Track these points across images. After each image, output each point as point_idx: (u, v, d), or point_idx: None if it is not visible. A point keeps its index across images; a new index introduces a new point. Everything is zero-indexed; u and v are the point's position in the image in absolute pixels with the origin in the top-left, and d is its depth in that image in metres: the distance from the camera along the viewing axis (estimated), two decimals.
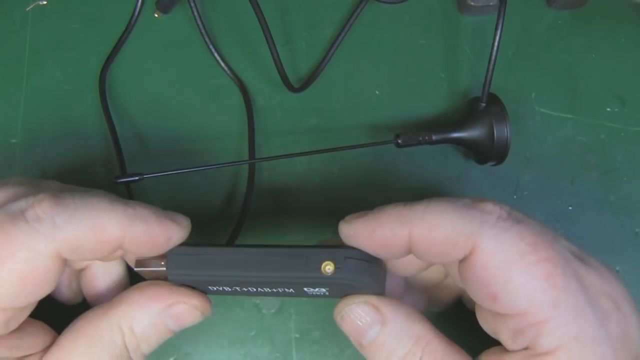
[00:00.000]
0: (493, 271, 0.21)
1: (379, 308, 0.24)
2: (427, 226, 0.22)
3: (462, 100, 0.34)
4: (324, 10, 0.35)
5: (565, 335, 0.21)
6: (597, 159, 0.34)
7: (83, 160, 0.33)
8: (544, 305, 0.21)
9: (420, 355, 0.23)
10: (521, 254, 0.21)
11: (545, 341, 0.21)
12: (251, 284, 0.24)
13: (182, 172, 0.30)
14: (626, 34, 0.35)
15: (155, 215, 0.24)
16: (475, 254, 0.22)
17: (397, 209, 0.23)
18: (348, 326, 0.24)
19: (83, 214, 0.22)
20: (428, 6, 0.35)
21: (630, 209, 0.33)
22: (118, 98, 0.34)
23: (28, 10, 0.34)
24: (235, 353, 0.31)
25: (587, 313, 0.21)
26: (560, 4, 0.35)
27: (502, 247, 0.21)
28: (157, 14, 0.34)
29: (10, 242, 0.22)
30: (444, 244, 0.22)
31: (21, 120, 0.33)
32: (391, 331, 0.23)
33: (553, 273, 0.21)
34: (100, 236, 0.23)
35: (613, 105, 0.35)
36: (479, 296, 0.22)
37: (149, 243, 0.24)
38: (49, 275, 0.23)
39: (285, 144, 0.34)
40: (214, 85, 0.34)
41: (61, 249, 0.22)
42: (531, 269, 0.21)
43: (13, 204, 0.23)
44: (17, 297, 0.22)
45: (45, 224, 0.22)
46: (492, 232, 0.22)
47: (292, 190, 0.33)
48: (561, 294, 0.21)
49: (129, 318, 0.24)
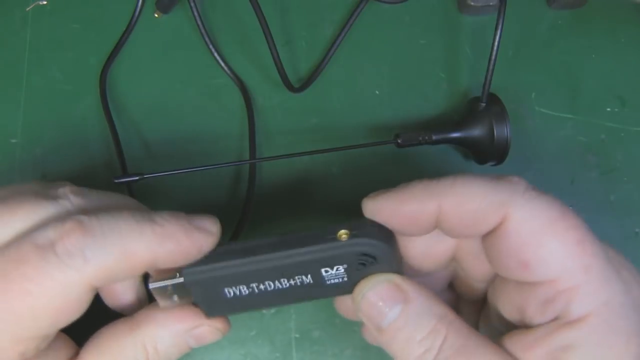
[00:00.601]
0: (525, 238, 0.21)
1: (401, 286, 0.23)
2: (458, 197, 0.22)
3: (462, 100, 0.34)
4: (324, 10, 0.35)
5: (596, 300, 0.21)
6: (597, 159, 0.34)
7: (83, 160, 0.33)
8: (575, 270, 0.21)
9: (445, 333, 0.22)
10: (553, 220, 0.21)
11: (577, 307, 0.21)
12: (269, 271, 0.24)
13: (182, 172, 0.30)
14: (626, 34, 0.35)
15: (184, 229, 0.23)
16: (506, 222, 0.22)
17: (424, 183, 0.23)
18: (369, 306, 0.23)
19: (112, 243, 0.22)
20: (428, 6, 0.35)
21: (630, 209, 0.33)
22: (118, 98, 0.34)
23: (28, 10, 0.34)
24: (235, 353, 0.31)
25: (614, 279, 0.21)
26: (560, 4, 0.35)
27: (534, 213, 0.21)
28: (157, 14, 0.34)
29: (41, 277, 0.21)
30: (475, 215, 0.22)
31: (21, 120, 0.33)
32: (414, 310, 0.23)
33: (583, 239, 0.21)
34: (131, 262, 0.22)
35: (613, 105, 0.35)
36: (508, 266, 0.22)
37: (182, 258, 0.24)
38: (80, 305, 0.23)
39: (285, 144, 0.34)
40: (214, 85, 0.34)
41: (93, 281, 0.22)
42: (563, 235, 0.21)
43: (40, 234, 0.22)
44: (49, 328, 0.22)
45: (76, 257, 0.21)
46: (523, 199, 0.22)
47: (292, 190, 0.33)
48: (591, 259, 0.21)
49: (154, 338, 0.24)
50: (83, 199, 0.25)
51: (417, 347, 0.22)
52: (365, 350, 0.32)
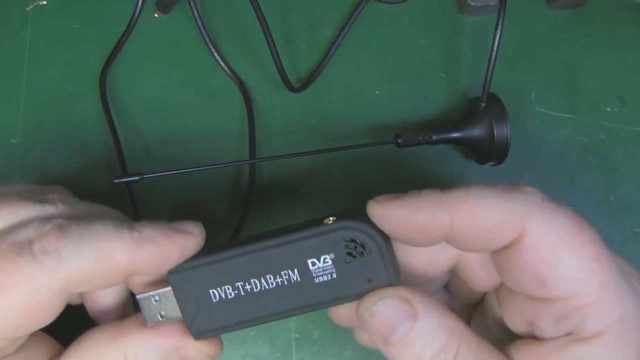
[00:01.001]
0: (543, 253, 0.21)
1: (410, 301, 0.22)
2: (472, 211, 0.21)
3: (462, 100, 0.34)
4: (324, 10, 0.35)
5: (611, 316, 0.20)
6: (597, 159, 0.34)
7: (83, 161, 0.33)
8: (592, 286, 0.20)
9: (457, 347, 0.22)
10: (570, 235, 0.21)
11: (592, 324, 0.20)
12: (253, 265, 0.23)
13: (182, 172, 0.30)
14: (626, 34, 0.35)
15: (163, 232, 0.23)
16: (524, 238, 0.21)
17: (436, 194, 0.22)
18: (377, 323, 0.23)
19: (88, 245, 0.22)
20: (428, 6, 0.35)
21: (630, 209, 0.33)
22: (118, 98, 0.34)
23: (28, 10, 0.34)
24: (235, 353, 0.31)
25: (628, 293, 0.21)
26: (560, 4, 0.35)
27: (552, 228, 0.21)
28: (157, 14, 0.34)
29: (15, 272, 0.21)
30: (490, 230, 0.21)
31: (21, 121, 0.33)
32: (425, 325, 0.22)
33: (599, 254, 0.21)
34: (107, 266, 0.22)
35: (613, 105, 0.35)
36: (523, 281, 0.22)
37: (163, 262, 0.23)
38: (52, 308, 0.22)
39: (285, 144, 0.34)
40: (214, 85, 0.34)
41: (67, 283, 0.22)
42: (580, 250, 0.21)
43: (20, 232, 0.22)
44: (17, 329, 0.22)
45: (51, 257, 0.21)
46: (541, 213, 0.21)
47: (292, 190, 0.33)
48: (608, 274, 0.21)
49: (136, 350, 0.24)
50: (69, 207, 0.24)
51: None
52: (365, 351, 0.32)
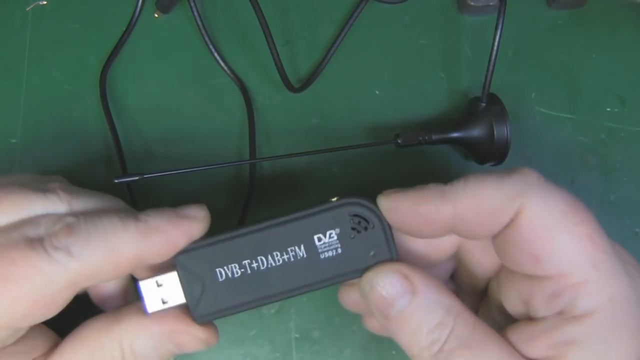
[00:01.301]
0: (538, 232, 0.21)
1: (409, 277, 0.23)
2: (472, 197, 0.22)
3: (462, 100, 0.34)
4: (324, 10, 0.35)
5: (602, 296, 0.21)
6: (597, 159, 0.34)
7: (83, 160, 0.33)
8: (585, 265, 0.21)
9: (452, 325, 0.22)
10: (565, 214, 0.21)
11: (583, 303, 0.21)
12: (260, 242, 0.24)
13: (182, 172, 0.30)
14: (626, 34, 0.35)
15: (169, 220, 0.24)
16: (520, 215, 0.22)
17: (439, 187, 0.23)
18: (376, 296, 0.23)
19: (96, 240, 0.22)
20: (428, 6, 0.35)
21: (630, 209, 0.33)
22: (118, 98, 0.34)
23: (28, 10, 0.34)
24: (235, 353, 0.31)
25: (621, 275, 0.21)
26: (560, 4, 0.35)
27: (547, 206, 0.21)
28: (157, 14, 0.34)
29: (26, 264, 0.22)
30: (490, 212, 0.22)
31: (21, 120, 0.33)
32: (422, 301, 0.23)
33: (594, 234, 0.21)
34: (116, 259, 0.23)
35: (613, 105, 0.35)
36: (519, 260, 0.22)
37: (171, 249, 0.24)
38: (59, 301, 0.23)
39: (285, 144, 0.34)
40: (214, 85, 0.34)
41: (77, 278, 0.22)
42: (575, 229, 0.21)
43: (31, 228, 0.23)
44: (23, 319, 0.22)
45: (62, 253, 0.22)
46: (536, 192, 0.22)
47: (292, 190, 0.33)
48: (601, 254, 0.21)
49: (131, 337, 0.24)
50: (72, 196, 0.25)
51: (424, 338, 0.22)
52: (365, 351, 0.32)
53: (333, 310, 0.32)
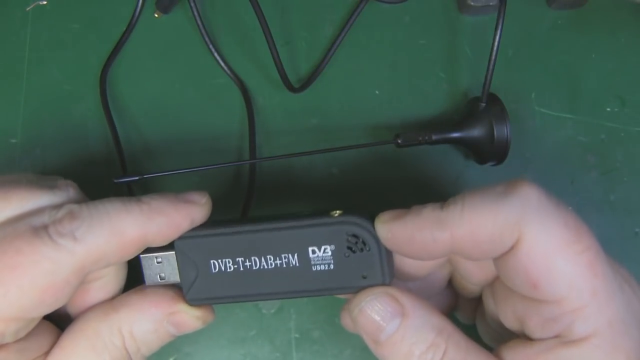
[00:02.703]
0: (538, 259, 0.21)
1: (399, 300, 0.23)
2: (469, 226, 0.22)
3: (462, 100, 0.34)
4: (324, 10, 0.35)
5: (599, 321, 0.21)
6: (597, 159, 0.34)
7: (83, 161, 0.33)
8: (583, 292, 0.21)
9: (445, 347, 0.22)
10: (567, 242, 0.21)
11: (580, 328, 0.21)
12: (256, 243, 0.24)
13: (182, 172, 0.30)
14: (626, 34, 0.35)
15: (171, 203, 0.24)
16: (520, 242, 0.21)
17: (435, 213, 0.22)
18: (366, 320, 0.23)
19: (99, 223, 0.23)
20: (428, 6, 0.35)
21: (630, 209, 0.33)
22: (118, 98, 0.34)
23: (28, 10, 0.34)
24: (235, 353, 0.31)
25: (618, 298, 0.21)
26: (560, 4, 0.35)
27: (548, 234, 0.21)
28: (157, 14, 0.34)
29: (33, 252, 0.22)
30: (489, 241, 0.22)
31: (21, 120, 0.33)
32: (412, 324, 0.22)
33: (595, 261, 0.21)
34: (121, 240, 0.23)
35: (613, 105, 0.35)
36: (517, 283, 0.22)
37: (173, 231, 0.24)
38: (67, 288, 0.23)
39: (285, 144, 0.34)
40: (214, 85, 0.34)
41: (84, 262, 0.22)
42: (576, 258, 0.21)
43: (35, 218, 0.23)
44: (34, 309, 0.22)
45: (67, 238, 0.22)
46: (536, 218, 0.21)
47: (292, 190, 0.33)
48: (600, 281, 0.21)
49: (129, 322, 0.24)
50: (80, 194, 0.25)
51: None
52: (365, 351, 0.31)
53: (333, 310, 0.32)
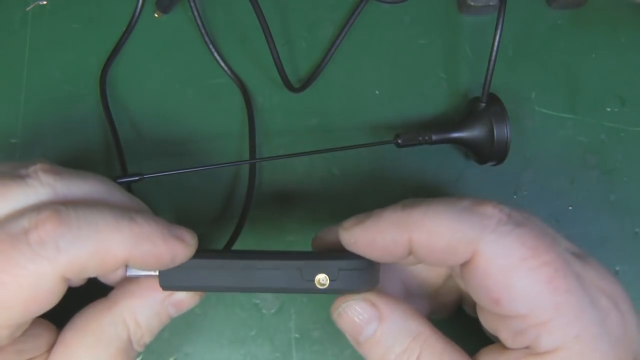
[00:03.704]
0: (494, 276, 0.22)
1: (376, 304, 0.24)
2: (427, 232, 0.22)
3: (462, 100, 0.34)
4: (324, 10, 0.35)
5: (566, 335, 0.21)
6: (597, 159, 0.34)
7: (83, 161, 0.33)
8: (545, 308, 0.21)
9: (419, 352, 0.23)
10: (522, 259, 0.21)
11: (546, 341, 0.21)
12: (244, 290, 0.25)
13: (182, 172, 0.30)
14: (626, 34, 0.35)
15: (162, 233, 0.23)
16: (476, 259, 0.22)
17: (396, 214, 0.23)
18: (345, 323, 0.24)
19: (87, 236, 0.22)
20: (428, 6, 0.35)
21: (630, 209, 0.33)
22: (118, 98, 0.34)
23: (28, 10, 0.34)
24: (235, 353, 0.31)
25: (588, 313, 0.21)
26: (560, 4, 0.35)
27: (503, 252, 0.22)
28: (157, 14, 0.34)
29: (12, 267, 0.21)
30: (444, 249, 0.22)
31: (21, 120, 0.33)
32: (388, 328, 0.24)
33: (554, 276, 0.21)
34: (104, 258, 0.22)
35: (613, 105, 0.35)
36: (481, 299, 0.23)
37: (154, 262, 0.23)
38: (52, 296, 0.22)
39: (285, 144, 0.34)
40: (214, 85, 0.34)
41: (65, 272, 0.22)
42: (532, 274, 0.21)
43: (14, 223, 0.22)
44: (22, 318, 0.22)
45: (49, 247, 0.21)
46: (492, 237, 0.22)
47: (292, 190, 0.33)
48: (562, 296, 0.21)
49: (133, 311, 0.25)
50: (55, 178, 0.23)
51: None
52: None
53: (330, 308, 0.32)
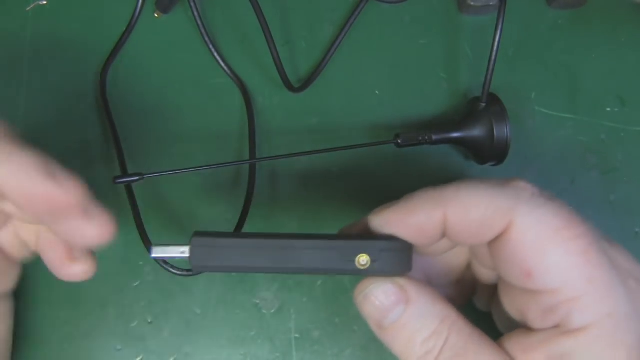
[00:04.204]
0: (529, 247, 0.21)
1: (404, 287, 0.23)
2: (463, 205, 0.22)
3: (462, 100, 0.34)
4: (324, 10, 0.35)
5: (598, 311, 0.21)
6: (597, 159, 0.34)
7: (83, 161, 0.33)
8: (578, 281, 0.21)
9: (447, 334, 0.22)
10: (557, 230, 0.21)
11: (579, 318, 0.21)
12: (278, 273, 0.24)
13: (182, 172, 0.30)
14: (626, 34, 0.35)
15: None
16: (511, 230, 0.21)
17: (428, 193, 0.23)
18: (370, 306, 0.23)
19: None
20: (428, 6, 0.35)
21: (630, 209, 0.33)
22: (118, 98, 0.34)
23: (28, 10, 0.34)
24: (235, 353, 0.31)
25: (619, 290, 0.21)
26: (560, 4, 0.35)
27: (538, 222, 0.21)
28: (157, 14, 0.34)
29: None
30: (480, 223, 0.22)
31: (21, 120, 0.33)
32: (416, 311, 0.23)
33: (588, 249, 0.21)
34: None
35: (613, 105, 0.35)
36: (512, 273, 0.22)
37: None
38: None
39: (285, 144, 0.34)
40: (214, 85, 0.34)
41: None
42: (567, 245, 0.21)
43: None
44: None
45: None
46: (527, 207, 0.21)
47: (292, 190, 0.33)
48: (595, 270, 0.21)
49: None
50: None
51: (419, 348, 0.22)
52: (365, 350, 0.32)
53: (333, 310, 0.32)
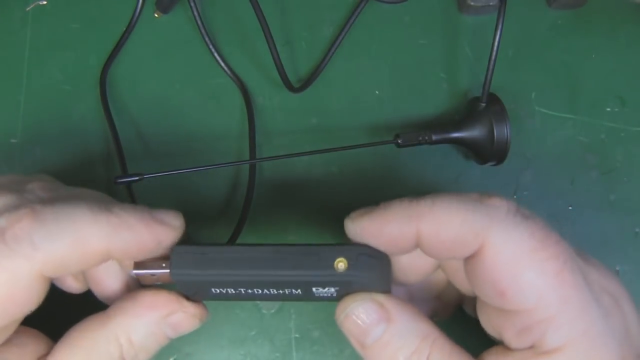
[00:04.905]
0: (502, 267, 0.21)
1: (384, 305, 0.23)
2: (436, 223, 0.22)
3: (462, 100, 0.34)
4: (324, 10, 0.35)
5: (573, 331, 0.21)
6: (597, 159, 0.34)
7: (83, 161, 0.33)
8: (552, 301, 0.21)
9: (429, 352, 0.22)
10: (531, 250, 0.21)
11: (553, 338, 0.21)
12: (259, 284, 0.24)
13: (182, 172, 0.30)
14: (626, 34, 0.35)
15: (142, 220, 0.23)
16: (484, 250, 0.21)
17: (403, 205, 0.23)
18: (351, 325, 0.24)
19: (63, 230, 0.21)
20: (428, 6, 0.35)
21: (630, 209, 0.33)
22: (118, 98, 0.34)
23: (28, 10, 0.34)
24: (235, 353, 0.31)
25: (593, 309, 0.21)
26: (560, 4, 0.35)
27: (512, 242, 0.21)
28: (157, 14, 0.34)
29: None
30: (453, 240, 0.22)
31: (21, 120, 0.33)
32: (397, 329, 0.23)
33: (562, 269, 0.21)
34: (83, 251, 0.22)
35: (613, 105, 0.35)
36: (486, 292, 0.22)
37: (138, 250, 0.23)
38: (31, 295, 0.22)
39: (285, 144, 0.34)
40: (214, 85, 0.34)
41: (43, 269, 0.21)
42: (541, 265, 0.21)
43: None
44: (1, 319, 0.22)
45: (24, 244, 0.21)
46: (501, 227, 0.21)
47: (292, 190, 0.33)
48: (569, 290, 0.21)
49: (127, 330, 0.24)
50: (49, 194, 0.24)
51: None
52: None
53: (333, 310, 0.32)
